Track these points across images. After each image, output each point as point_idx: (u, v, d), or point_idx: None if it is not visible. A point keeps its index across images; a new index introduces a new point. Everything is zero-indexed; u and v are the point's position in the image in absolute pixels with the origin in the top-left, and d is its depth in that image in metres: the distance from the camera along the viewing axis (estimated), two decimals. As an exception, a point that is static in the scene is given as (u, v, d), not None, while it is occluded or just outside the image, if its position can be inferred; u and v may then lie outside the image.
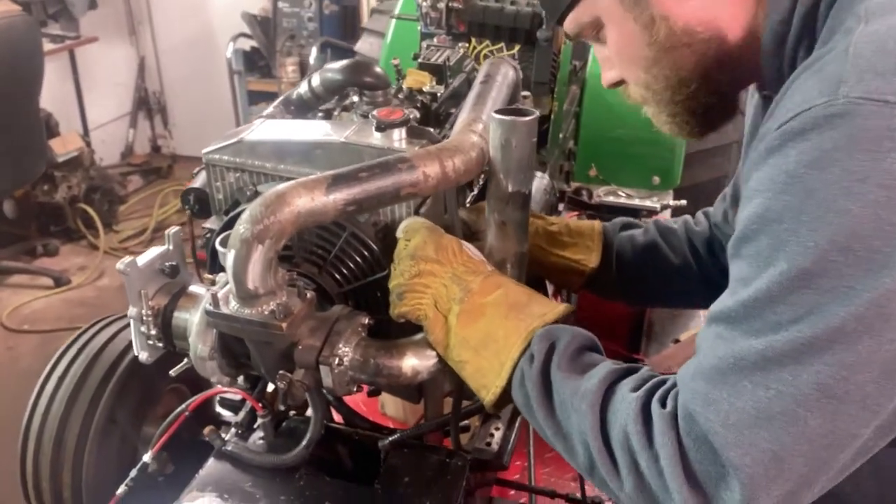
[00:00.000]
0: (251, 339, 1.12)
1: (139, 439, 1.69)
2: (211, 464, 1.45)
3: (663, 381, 0.88)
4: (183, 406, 1.54)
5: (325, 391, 1.17)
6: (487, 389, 1.03)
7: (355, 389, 1.18)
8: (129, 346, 1.67)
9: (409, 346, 1.15)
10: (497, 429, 1.53)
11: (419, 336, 1.17)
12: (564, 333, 0.98)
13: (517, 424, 1.55)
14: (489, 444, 1.50)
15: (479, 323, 1.04)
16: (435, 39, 1.77)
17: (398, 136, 1.22)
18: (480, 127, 1.19)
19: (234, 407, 1.60)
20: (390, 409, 2.21)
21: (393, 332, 1.22)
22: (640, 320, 2.53)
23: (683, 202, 2.24)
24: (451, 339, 1.07)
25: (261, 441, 1.49)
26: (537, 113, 1.11)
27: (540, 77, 1.95)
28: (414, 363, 1.14)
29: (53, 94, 4.80)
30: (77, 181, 4.65)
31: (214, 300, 1.10)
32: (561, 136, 2.16)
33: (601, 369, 0.92)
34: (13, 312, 4.01)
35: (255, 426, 1.49)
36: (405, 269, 1.11)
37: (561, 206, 2.29)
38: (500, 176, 1.13)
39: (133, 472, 1.55)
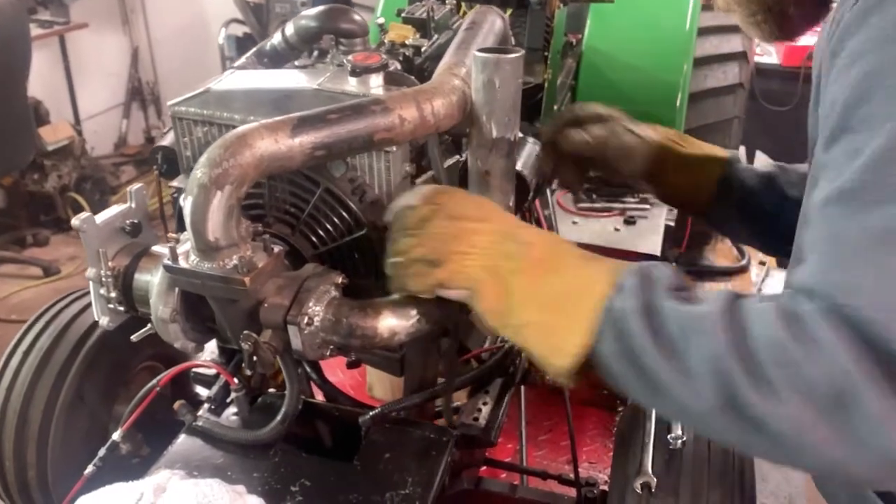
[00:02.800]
0: (213, 297, 1.03)
1: (110, 418, 1.61)
2: (181, 440, 1.37)
3: (782, 294, 0.76)
4: (154, 381, 1.45)
5: (295, 355, 1.07)
6: (562, 351, 0.86)
7: (328, 353, 1.09)
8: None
9: (386, 305, 1.06)
10: (485, 403, 1.45)
11: (398, 295, 1.09)
12: (657, 267, 0.86)
13: (506, 400, 1.46)
14: (476, 419, 1.42)
15: (549, 276, 0.89)
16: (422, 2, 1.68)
17: (375, 83, 1.14)
18: (463, 71, 1.10)
19: (208, 383, 1.51)
20: (378, 391, 2.12)
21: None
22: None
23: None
24: (513, 301, 0.91)
25: (235, 417, 1.41)
26: (522, 51, 1.03)
27: (533, 43, 1.86)
28: (391, 323, 1.05)
29: (44, 83, 4.72)
30: (68, 170, 4.57)
31: (173, 254, 1.01)
32: (555, 107, 2.06)
33: (714, 294, 0.79)
34: (2, 302, 3.93)
35: (229, 401, 1.41)
36: (440, 230, 0.95)
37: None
38: (482, 120, 1.05)
39: (102, 451, 1.46)
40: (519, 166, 1.53)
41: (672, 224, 2.20)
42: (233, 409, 1.41)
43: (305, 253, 1.20)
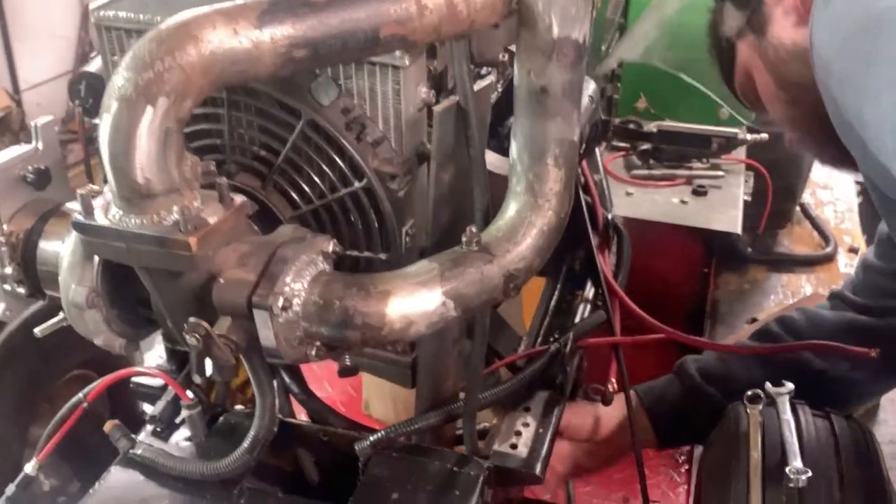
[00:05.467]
0: (143, 267, 0.80)
1: (25, 445, 1.39)
2: (112, 474, 1.16)
3: None
4: (80, 395, 1.24)
5: (267, 356, 0.85)
6: None
7: (314, 354, 0.86)
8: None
9: (395, 280, 0.84)
10: (526, 425, 1.22)
11: (413, 267, 0.86)
12: None
13: (554, 421, 1.23)
14: (514, 446, 1.19)
15: None
16: None
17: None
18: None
19: (156, 398, 1.28)
20: (377, 409, 1.92)
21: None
22: (703, 299, 2.22)
23: (765, 136, 1.93)
24: None
25: (187, 443, 1.19)
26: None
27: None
28: (406, 308, 0.82)
29: (-24, 46, 4.56)
30: (4, 146, 4.36)
31: (86, 205, 0.79)
32: (603, 48, 1.84)
33: None
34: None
35: (180, 420, 1.19)
36: None
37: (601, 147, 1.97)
38: (538, 10, 0.82)
39: (10, 489, 1.25)
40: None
41: (749, 199, 1.98)
42: (184, 433, 1.20)
43: (281, 214, 1.00)
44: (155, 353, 1.52)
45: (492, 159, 1.09)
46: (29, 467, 1.24)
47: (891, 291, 1.44)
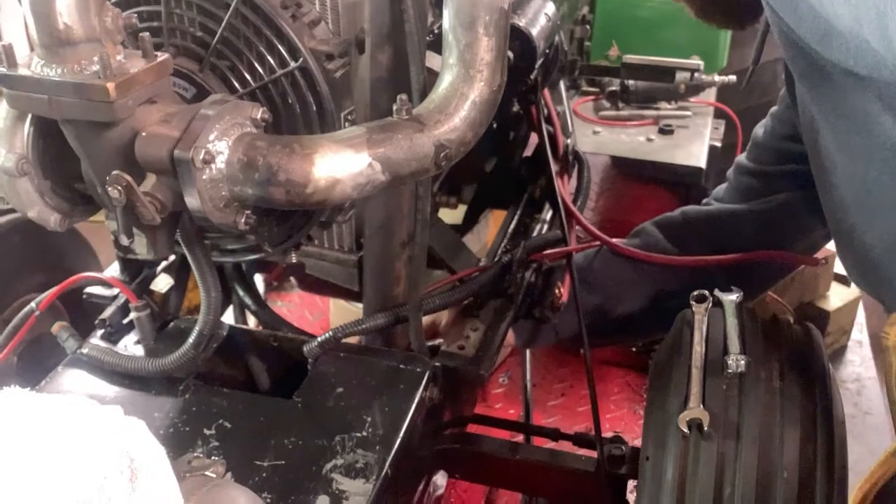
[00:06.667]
0: (66, 119, 0.79)
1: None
2: (58, 371, 1.14)
3: None
4: (32, 304, 1.22)
5: (194, 217, 0.83)
6: None
7: (244, 221, 0.85)
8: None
9: (322, 141, 0.82)
10: (474, 330, 1.20)
11: (342, 132, 0.85)
12: None
13: (503, 327, 1.22)
14: (462, 347, 1.17)
15: None
16: None
17: None
18: None
19: (106, 307, 1.26)
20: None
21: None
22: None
23: (733, 77, 1.91)
24: None
25: (136, 346, 1.18)
26: None
27: None
28: (330, 168, 0.81)
29: None
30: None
31: (9, 56, 0.77)
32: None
33: None
34: None
35: (128, 322, 1.18)
36: None
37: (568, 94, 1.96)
38: None
39: (-36, 398, 1.22)
40: (523, 22, 1.31)
41: (718, 145, 1.96)
42: (133, 337, 1.18)
43: (220, 96, 0.97)
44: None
45: (436, 62, 1.07)
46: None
47: (756, 190, 1.51)
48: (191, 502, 0.77)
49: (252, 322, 1.40)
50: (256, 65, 0.97)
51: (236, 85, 0.97)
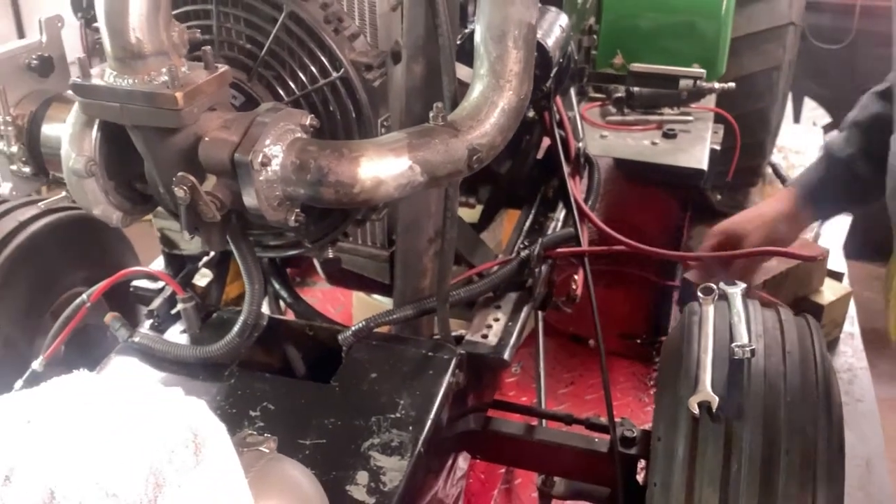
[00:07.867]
0: (135, 126, 0.85)
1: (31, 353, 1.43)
2: (111, 360, 1.20)
3: None
4: (83, 296, 1.28)
5: (250, 214, 0.89)
6: None
7: (293, 219, 0.91)
8: (17, 228, 1.41)
9: (367, 146, 0.89)
10: (496, 319, 1.27)
11: (384, 137, 0.91)
12: None
13: (523, 317, 1.28)
14: (485, 336, 1.24)
15: None
16: None
17: None
18: None
19: (152, 300, 1.33)
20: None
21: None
22: (677, 249, 2.26)
23: (732, 84, 1.97)
24: None
25: (182, 335, 1.24)
26: None
27: None
28: (375, 170, 0.87)
29: None
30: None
31: (84, 69, 0.83)
32: (580, 2, 1.88)
33: None
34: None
35: (176, 312, 1.24)
36: None
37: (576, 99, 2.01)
38: None
39: (18, 384, 1.28)
40: (539, 34, 1.37)
41: (717, 148, 2.02)
42: (180, 326, 1.25)
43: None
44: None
45: (464, 73, 1.13)
46: (36, 364, 1.28)
47: None
48: (250, 474, 0.83)
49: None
50: (300, 74, 1.03)
51: (281, 93, 1.03)
